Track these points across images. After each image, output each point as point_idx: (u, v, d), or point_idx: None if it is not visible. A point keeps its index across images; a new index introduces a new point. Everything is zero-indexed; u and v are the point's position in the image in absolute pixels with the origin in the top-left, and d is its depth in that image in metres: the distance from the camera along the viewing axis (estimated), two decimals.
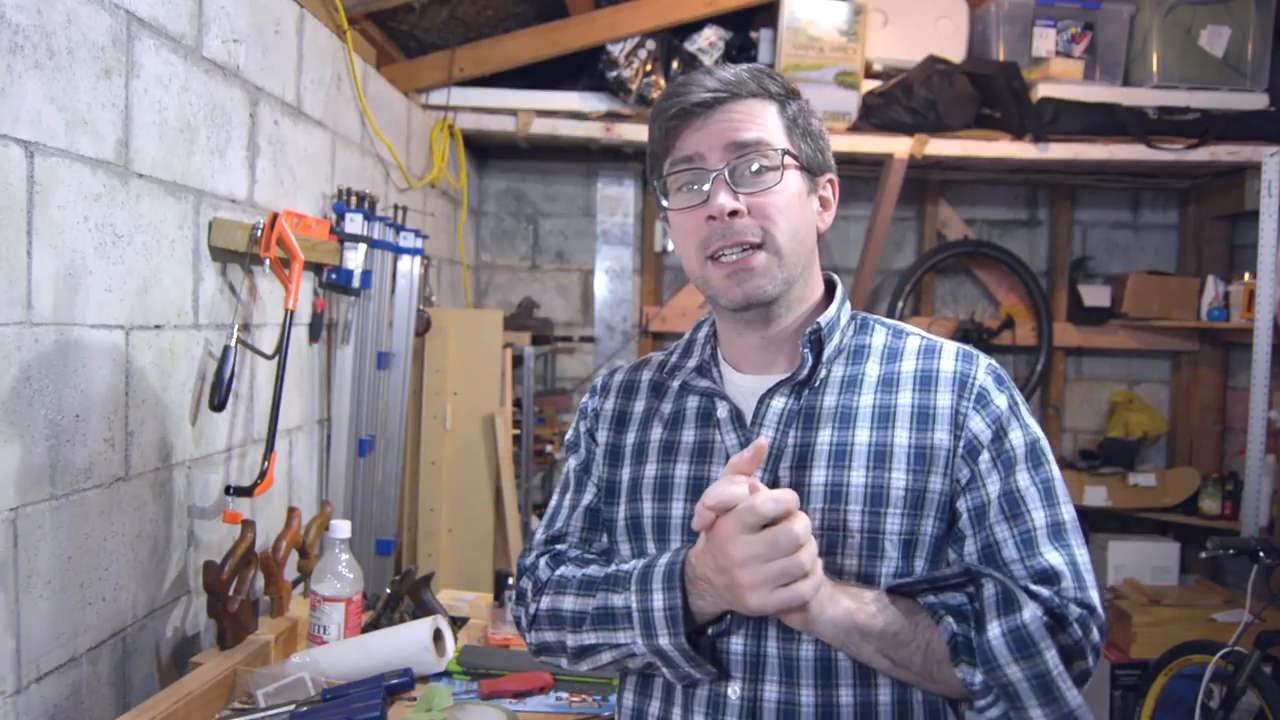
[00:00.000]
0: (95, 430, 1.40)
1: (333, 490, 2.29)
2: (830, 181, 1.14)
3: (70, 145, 1.32)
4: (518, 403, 3.40)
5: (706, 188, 1.05)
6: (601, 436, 1.19)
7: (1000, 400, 1.06)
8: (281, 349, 1.82)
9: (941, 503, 1.03)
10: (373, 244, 2.27)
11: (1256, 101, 3.46)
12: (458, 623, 1.95)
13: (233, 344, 1.68)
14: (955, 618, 0.97)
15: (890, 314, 3.92)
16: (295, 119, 2.06)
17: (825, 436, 1.05)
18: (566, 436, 1.26)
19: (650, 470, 1.13)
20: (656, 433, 1.15)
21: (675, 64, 3.38)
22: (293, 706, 1.45)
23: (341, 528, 1.78)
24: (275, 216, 1.76)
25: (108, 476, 1.44)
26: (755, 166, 1.04)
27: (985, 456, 1.03)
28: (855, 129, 3.44)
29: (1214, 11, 3.45)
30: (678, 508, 1.10)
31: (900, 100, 3.39)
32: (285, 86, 2.01)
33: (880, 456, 1.04)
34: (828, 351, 1.08)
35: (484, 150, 4.02)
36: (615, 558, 1.15)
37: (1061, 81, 3.45)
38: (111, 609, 1.46)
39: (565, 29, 3.29)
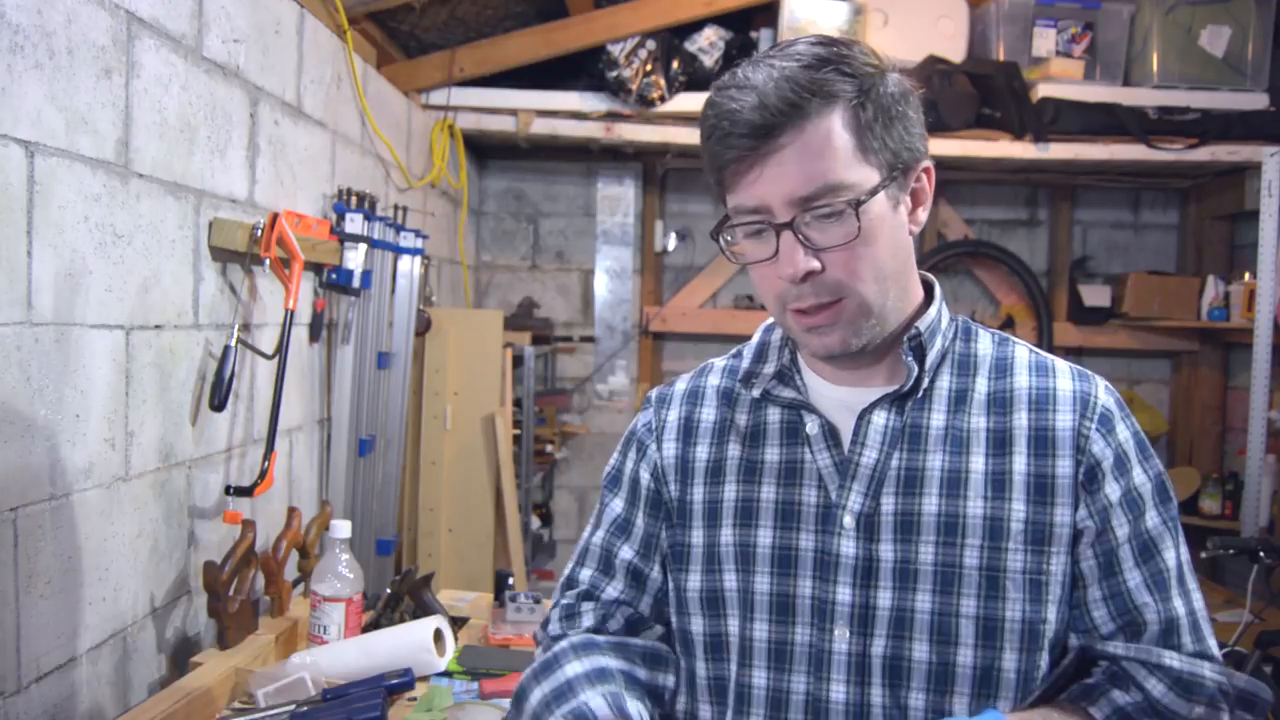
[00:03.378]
0: (95, 430, 1.40)
1: (333, 490, 2.29)
2: (925, 171, 0.98)
3: (70, 145, 1.32)
4: (518, 403, 3.40)
5: (774, 242, 0.92)
6: (669, 449, 1.07)
7: (1125, 427, 0.97)
8: (281, 349, 1.82)
9: (1067, 536, 0.94)
10: (373, 244, 2.27)
11: (1256, 101, 3.45)
12: (458, 623, 1.95)
13: (233, 344, 1.68)
14: None
15: None
16: (295, 119, 2.06)
17: (936, 461, 0.96)
18: (609, 466, 1.13)
19: (730, 492, 1.02)
20: (734, 449, 1.04)
21: (675, 64, 3.38)
22: (293, 706, 1.45)
23: (341, 528, 1.78)
24: (275, 216, 1.76)
25: (108, 476, 1.44)
26: (827, 211, 0.90)
27: (1112, 490, 0.95)
28: None
29: (1214, 11, 3.45)
30: (764, 536, 0.99)
31: None
32: (285, 86, 2.01)
33: (999, 485, 0.94)
34: (930, 358, 0.99)
35: (484, 150, 4.02)
36: (671, 591, 1.05)
37: (1061, 81, 3.45)
38: (111, 609, 1.46)
39: (565, 29, 3.29)
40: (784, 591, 0.98)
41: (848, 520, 0.96)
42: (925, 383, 0.99)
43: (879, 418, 0.98)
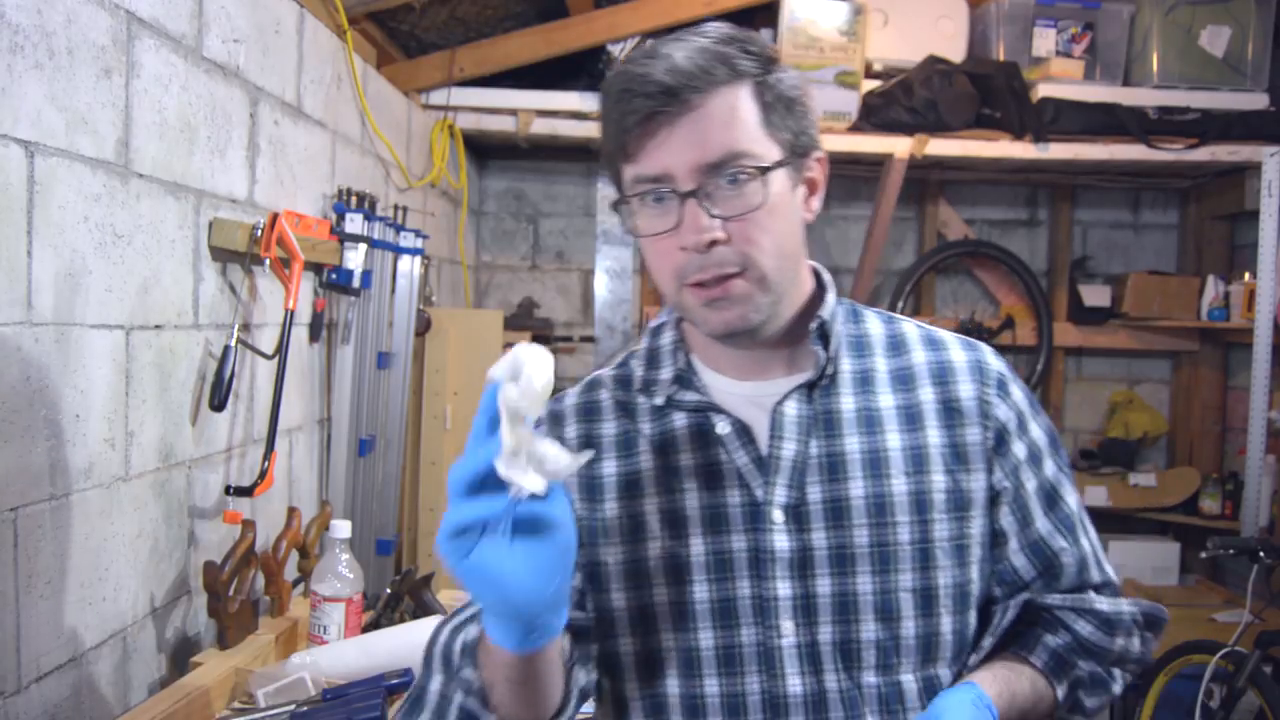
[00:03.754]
0: (95, 430, 1.40)
1: (333, 490, 2.29)
2: (819, 160, 1.00)
3: (70, 145, 1.32)
4: None
5: (676, 211, 0.91)
6: None
7: (1016, 387, 1.03)
8: (281, 349, 1.82)
9: (983, 500, 0.99)
10: (373, 244, 2.27)
11: (1256, 101, 3.45)
12: None
13: (233, 344, 1.68)
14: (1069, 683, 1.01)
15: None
16: (295, 119, 2.06)
17: (855, 444, 0.97)
18: None
19: (651, 505, 0.99)
20: (646, 460, 1.01)
21: None
22: (293, 706, 1.45)
23: (341, 528, 1.78)
24: (275, 216, 1.76)
25: (108, 476, 1.44)
26: (733, 179, 0.90)
27: (1018, 449, 1.00)
28: (855, 129, 3.44)
29: (1214, 11, 3.45)
30: (695, 544, 0.97)
31: (900, 100, 3.39)
32: (285, 86, 2.01)
33: (917, 460, 0.97)
34: (833, 345, 1.00)
35: (484, 150, 4.02)
36: (586, 607, 1.01)
37: (1061, 81, 3.45)
38: (111, 609, 1.46)
39: (565, 29, 3.29)
40: (724, 596, 0.97)
41: (777, 515, 0.96)
42: (830, 369, 0.99)
43: (792, 408, 0.98)
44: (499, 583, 0.75)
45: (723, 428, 0.99)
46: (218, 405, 1.66)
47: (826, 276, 1.05)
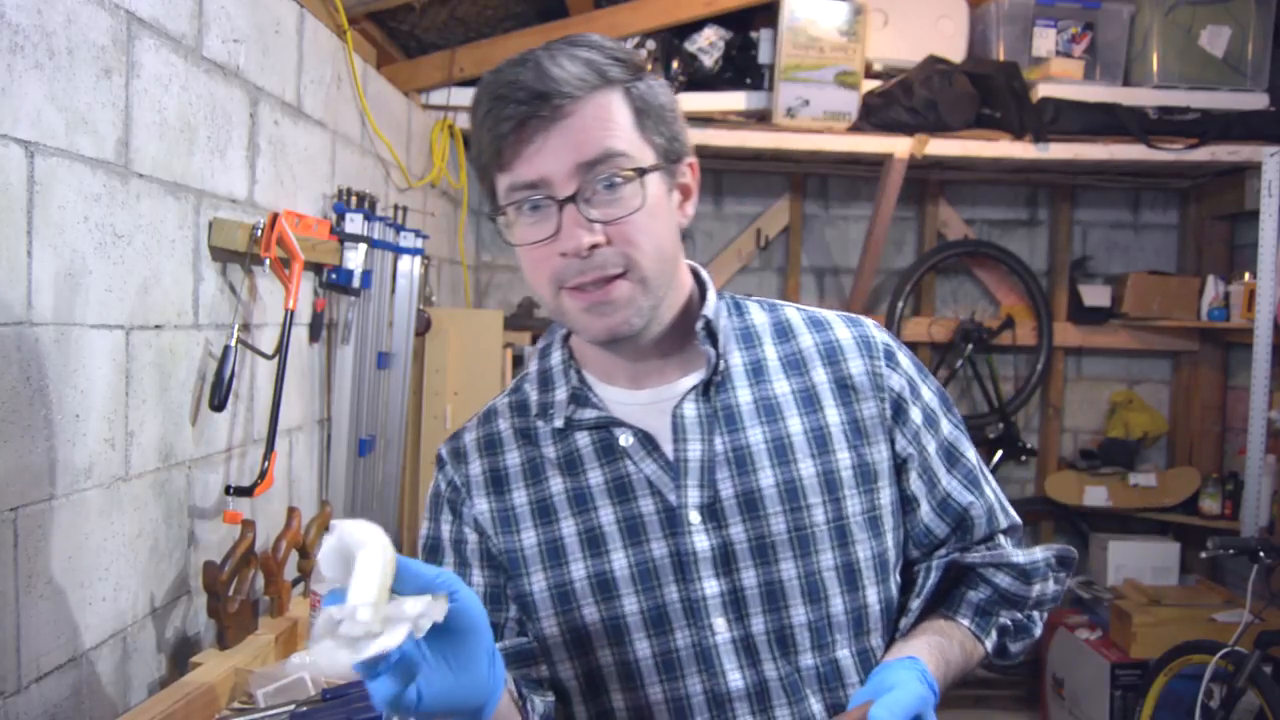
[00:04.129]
0: (95, 430, 1.40)
1: (333, 490, 2.29)
2: (690, 166, 1.00)
3: (70, 145, 1.32)
4: None
5: (555, 218, 0.91)
6: (481, 505, 1.02)
7: (903, 355, 1.07)
8: (281, 349, 1.82)
9: (888, 469, 1.02)
10: (373, 244, 2.27)
11: (1256, 101, 3.46)
12: None
13: (233, 344, 1.68)
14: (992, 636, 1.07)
15: (891, 314, 3.92)
16: (295, 119, 2.06)
17: (758, 435, 0.99)
18: (422, 536, 1.07)
19: (568, 527, 0.99)
20: (555, 484, 1.01)
21: (675, 64, 3.38)
22: (292, 706, 1.45)
23: None
24: (275, 216, 1.76)
25: (108, 476, 1.44)
26: (609, 182, 0.90)
27: (915, 415, 1.04)
28: (855, 129, 3.44)
29: (1214, 11, 3.45)
30: (618, 559, 0.98)
31: (900, 100, 3.39)
32: (285, 86, 2.01)
33: (820, 441, 1.00)
34: (721, 341, 1.01)
35: None
36: (529, 633, 1.02)
37: (1061, 81, 3.45)
38: (111, 609, 1.46)
39: (565, 29, 3.29)
40: (653, 604, 0.98)
41: (693, 516, 0.97)
42: (721, 365, 1.00)
43: (690, 409, 0.99)
44: (452, 701, 0.77)
45: (626, 440, 0.99)
46: (218, 405, 1.66)
47: (705, 275, 1.06)
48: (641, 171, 0.92)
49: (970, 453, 1.08)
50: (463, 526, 1.04)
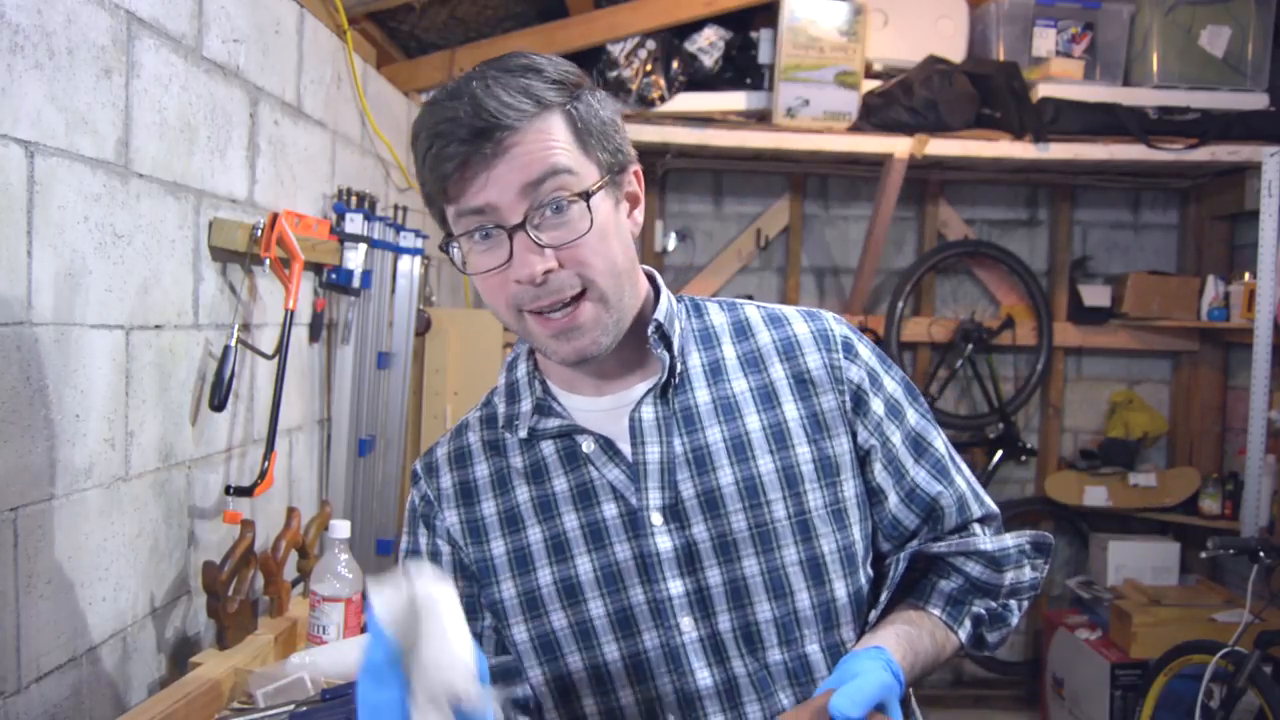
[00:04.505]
0: (95, 430, 1.40)
1: (333, 490, 2.29)
2: (635, 174, 1.01)
3: (70, 145, 1.32)
4: None
5: (506, 245, 0.92)
6: (451, 517, 1.05)
7: (864, 346, 1.06)
8: (281, 349, 1.82)
9: (851, 462, 1.02)
10: (373, 244, 2.27)
11: (1256, 101, 3.46)
12: None
13: (233, 344, 1.68)
14: (967, 623, 1.05)
15: (891, 314, 3.92)
16: (295, 119, 2.06)
17: (716, 434, 1.00)
18: (402, 549, 1.10)
19: (534, 534, 1.02)
20: (522, 493, 1.03)
21: (675, 64, 3.38)
22: (292, 706, 1.45)
23: (341, 528, 1.78)
24: (275, 216, 1.76)
25: (108, 476, 1.44)
26: (556, 205, 0.91)
27: (876, 405, 1.03)
28: (855, 129, 3.44)
29: (1214, 11, 3.45)
30: (583, 563, 0.99)
31: (900, 100, 3.39)
32: (285, 86, 2.01)
33: (779, 436, 1.00)
34: (676, 344, 1.02)
35: None
36: (509, 650, 1.03)
37: (1061, 81, 3.45)
38: (111, 609, 1.46)
39: (565, 29, 3.29)
40: (620, 607, 0.99)
41: (655, 518, 0.98)
42: (679, 366, 1.01)
43: (648, 412, 1.00)
44: None
45: (588, 446, 1.01)
46: (218, 405, 1.66)
47: (659, 279, 1.07)
48: (587, 195, 0.92)
49: (938, 442, 1.07)
50: (436, 539, 1.07)
